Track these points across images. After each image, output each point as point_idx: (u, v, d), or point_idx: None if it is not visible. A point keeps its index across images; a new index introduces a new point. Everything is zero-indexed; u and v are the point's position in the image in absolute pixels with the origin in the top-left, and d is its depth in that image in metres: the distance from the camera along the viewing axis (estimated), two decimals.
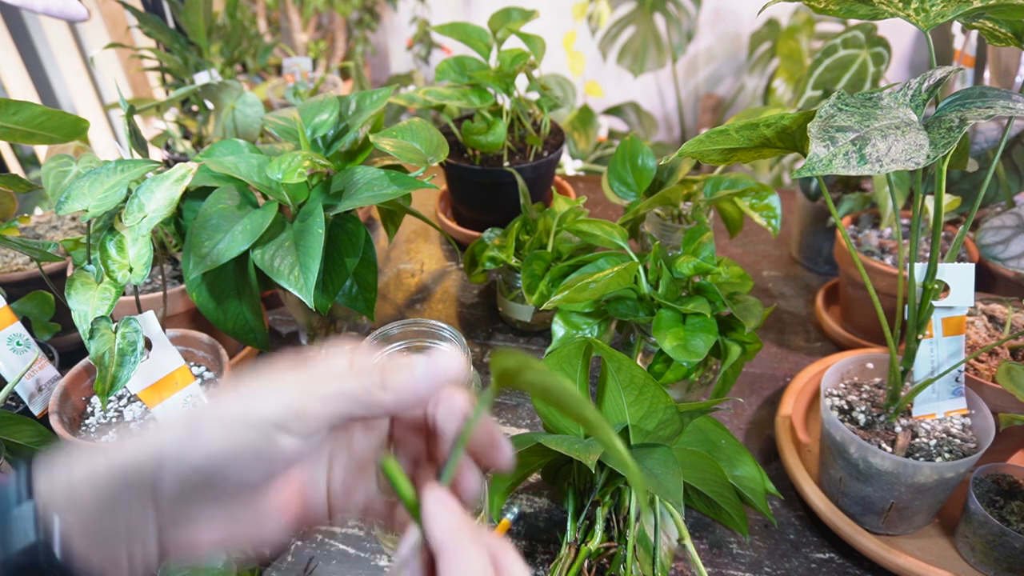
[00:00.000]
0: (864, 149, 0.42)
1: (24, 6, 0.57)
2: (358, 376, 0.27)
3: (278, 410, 0.26)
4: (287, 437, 0.26)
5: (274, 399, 0.27)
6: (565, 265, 0.74)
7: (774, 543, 0.66)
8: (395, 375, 0.27)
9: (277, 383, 0.27)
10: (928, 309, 0.57)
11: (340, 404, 0.27)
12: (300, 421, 0.26)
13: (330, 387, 0.27)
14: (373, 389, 0.27)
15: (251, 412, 0.26)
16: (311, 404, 0.27)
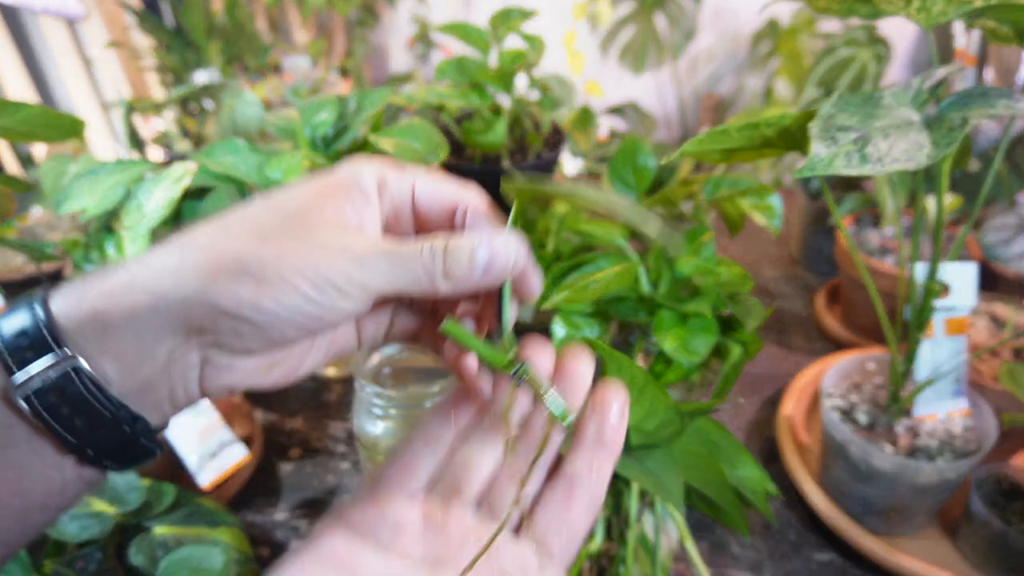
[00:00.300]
0: (865, 149, 0.42)
1: (23, 5, 0.57)
2: (422, 257, 0.27)
3: (342, 278, 0.26)
4: (343, 302, 0.26)
5: (340, 264, 0.26)
6: (565, 265, 0.74)
7: (775, 544, 0.65)
8: (457, 265, 0.27)
9: (343, 241, 0.27)
10: (929, 309, 0.57)
11: (400, 283, 0.27)
12: (361, 290, 0.26)
13: (396, 266, 0.27)
14: (436, 276, 0.27)
15: (317, 273, 0.26)
16: (375, 279, 0.27)
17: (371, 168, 0.30)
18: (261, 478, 0.72)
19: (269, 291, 0.25)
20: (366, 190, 0.29)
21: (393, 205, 0.30)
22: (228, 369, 0.28)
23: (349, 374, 0.85)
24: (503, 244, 0.28)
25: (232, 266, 0.25)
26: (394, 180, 0.30)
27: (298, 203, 0.28)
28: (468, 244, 0.28)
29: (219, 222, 0.28)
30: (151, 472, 0.62)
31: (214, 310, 0.25)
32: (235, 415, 0.74)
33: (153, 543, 0.52)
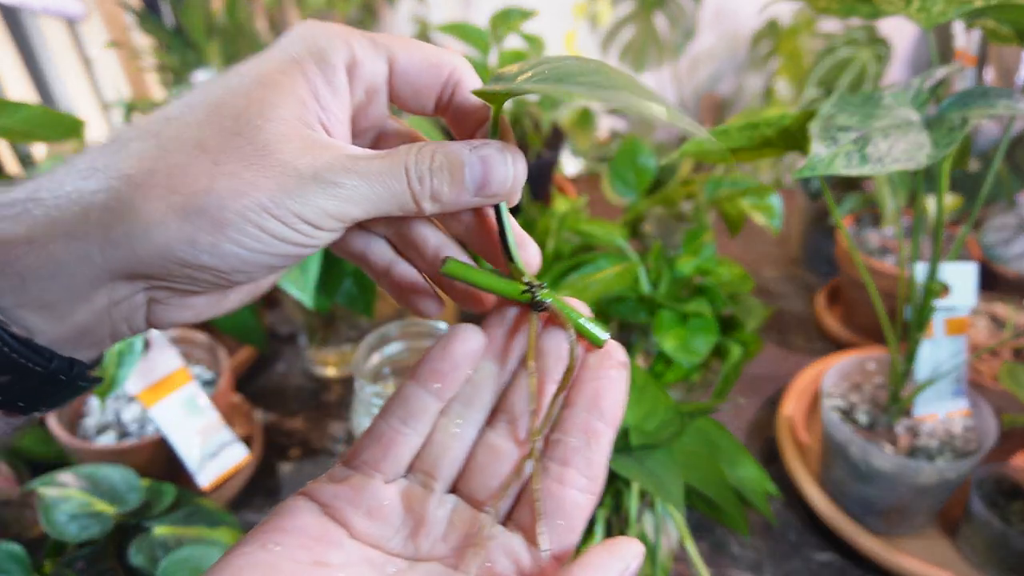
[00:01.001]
0: (865, 149, 0.42)
1: (23, 5, 0.57)
2: (409, 175, 0.23)
3: (315, 211, 0.22)
4: (316, 236, 0.23)
5: (313, 194, 0.22)
6: (565, 265, 0.74)
7: (775, 544, 0.65)
8: (444, 185, 0.23)
9: (313, 161, 0.22)
10: (929, 309, 0.57)
11: (382, 207, 0.23)
12: (338, 221, 0.23)
13: (377, 188, 0.23)
14: (422, 197, 0.23)
15: (286, 208, 0.21)
16: (354, 207, 0.22)
17: (338, 43, 0.23)
18: (261, 478, 0.72)
19: (231, 233, 0.21)
20: (332, 76, 0.23)
21: (366, 90, 0.25)
22: (180, 307, 0.24)
23: (349, 374, 0.85)
24: (499, 155, 0.24)
25: (181, 204, 0.21)
26: (368, 59, 0.24)
27: (247, 98, 0.22)
28: (456, 155, 0.23)
29: (146, 129, 0.22)
30: (151, 472, 0.62)
31: (164, 258, 0.21)
32: (235, 415, 0.74)
33: (153, 543, 0.52)
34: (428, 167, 0.23)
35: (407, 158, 0.23)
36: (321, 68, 0.23)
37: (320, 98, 0.23)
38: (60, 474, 0.54)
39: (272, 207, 0.21)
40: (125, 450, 0.62)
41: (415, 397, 0.26)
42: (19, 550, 0.48)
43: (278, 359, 0.89)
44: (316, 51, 0.23)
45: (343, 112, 0.24)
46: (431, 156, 0.23)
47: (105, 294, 0.22)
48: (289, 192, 0.21)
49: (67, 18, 1.05)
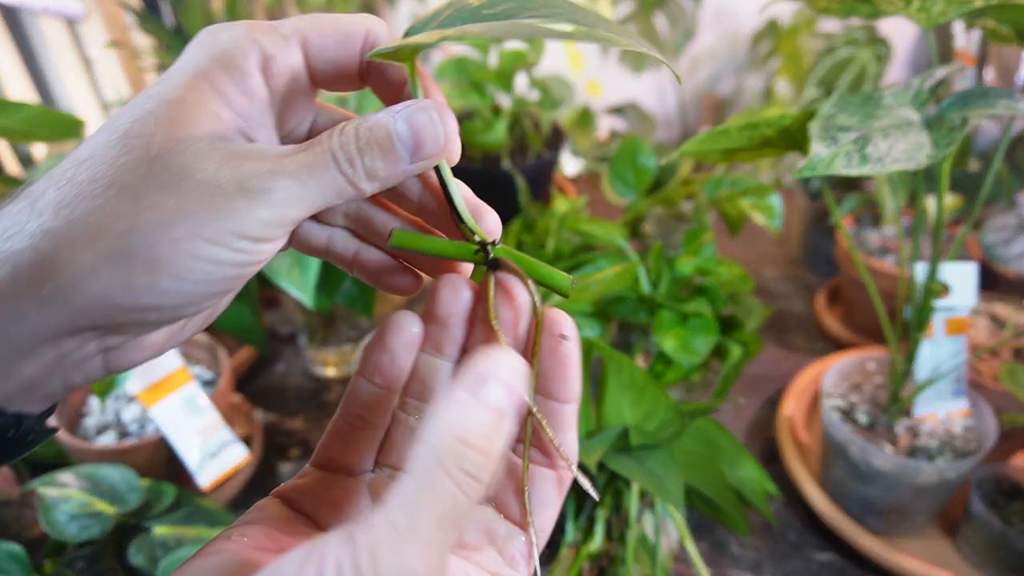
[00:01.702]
0: (865, 149, 0.42)
1: (23, 5, 0.57)
2: (338, 163, 0.22)
3: (252, 225, 0.21)
4: (261, 248, 0.22)
5: (244, 209, 0.20)
6: (565, 265, 0.74)
7: (775, 544, 0.65)
8: (377, 161, 0.22)
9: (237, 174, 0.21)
10: (929, 309, 0.57)
11: (320, 201, 0.22)
12: (280, 228, 0.21)
13: (310, 185, 0.21)
14: (358, 179, 0.22)
15: (219, 230, 0.20)
16: (291, 210, 0.21)
17: (244, 44, 0.22)
18: (261, 478, 0.72)
19: (168, 269, 0.20)
20: (244, 80, 0.22)
21: (285, 84, 0.23)
22: (136, 348, 0.23)
23: (349, 374, 0.85)
24: (424, 115, 0.22)
25: (108, 249, 0.20)
26: (280, 52, 0.23)
27: (155, 124, 0.21)
28: (381, 126, 0.22)
29: (61, 176, 0.21)
30: (151, 472, 0.62)
31: (103, 306, 0.20)
32: (235, 415, 0.74)
33: (153, 543, 0.52)
34: (355, 146, 0.22)
35: (331, 143, 0.22)
36: (230, 75, 0.22)
37: (234, 106, 0.22)
38: (60, 474, 0.54)
39: (204, 232, 0.20)
40: (125, 450, 0.62)
41: (364, 392, 0.25)
42: (19, 550, 0.48)
43: (278, 359, 0.89)
44: (222, 58, 0.22)
45: (264, 115, 0.23)
46: (355, 134, 0.22)
47: (51, 349, 0.21)
48: (217, 212, 0.20)
49: (67, 18, 1.05)
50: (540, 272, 0.24)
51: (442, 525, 0.17)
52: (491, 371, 0.19)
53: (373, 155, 0.22)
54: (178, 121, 0.21)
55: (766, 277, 1.05)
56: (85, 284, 0.20)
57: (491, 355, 0.19)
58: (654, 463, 0.52)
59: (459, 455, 0.18)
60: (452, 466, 0.18)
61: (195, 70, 0.22)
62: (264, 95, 0.23)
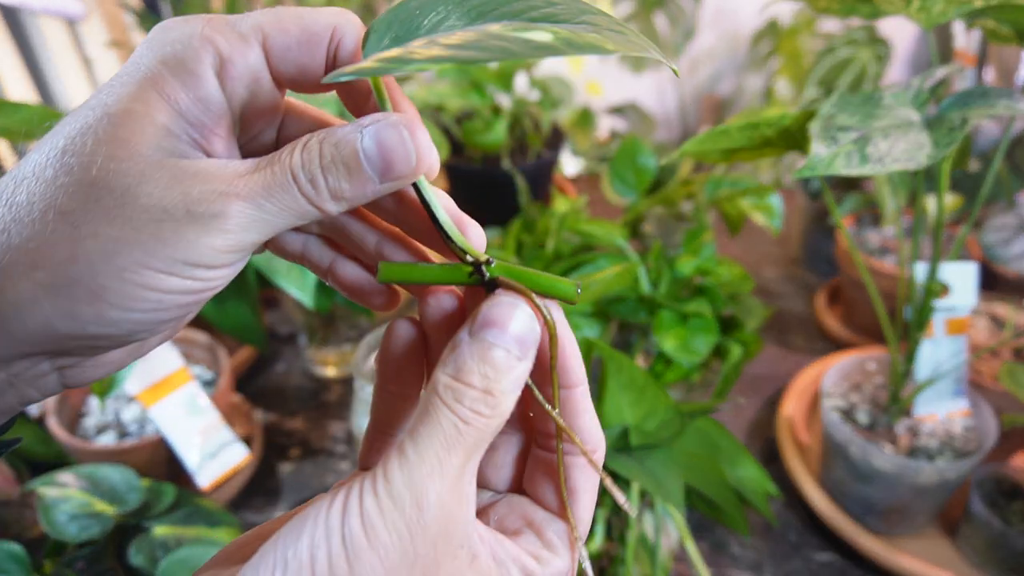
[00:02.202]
0: (866, 149, 0.42)
1: (23, 5, 0.57)
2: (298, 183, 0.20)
3: (201, 252, 0.19)
4: (215, 274, 0.20)
5: (193, 236, 0.19)
6: (565, 265, 0.74)
7: (775, 544, 0.65)
8: (343, 182, 0.20)
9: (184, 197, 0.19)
10: (929, 309, 0.57)
11: (280, 224, 0.20)
12: (235, 253, 0.20)
13: (267, 208, 0.20)
14: (322, 200, 0.20)
15: (167, 258, 0.19)
16: (246, 235, 0.20)
17: (196, 45, 0.20)
18: (261, 478, 0.72)
19: (113, 299, 0.19)
20: (198, 85, 0.20)
21: (246, 87, 0.21)
22: (94, 366, 0.22)
23: (349, 374, 0.85)
24: (393, 132, 0.20)
25: (48, 280, 0.18)
26: (238, 52, 0.20)
27: (95, 140, 0.19)
28: (347, 142, 0.20)
29: (1, 196, 0.19)
30: (151, 472, 0.62)
31: (48, 336, 0.19)
32: (235, 415, 0.74)
33: (153, 543, 0.52)
34: (318, 164, 0.20)
35: (292, 160, 0.20)
36: (182, 80, 0.20)
37: (187, 116, 0.20)
38: (60, 474, 0.54)
39: (151, 261, 0.19)
40: (125, 450, 0.62)
41: (385, 401, 0.25)
42: (19, 550, 0.48)
43: (278, 359, 0.89)
44: (173, 62, 0.20)
45: (220, 123, 0.21)
46: (319, 151, 0.20)
47: (2, 372, 0.20)
48: (165, 240, 0.19)
49: (67, 18, 1.05)
50: (543, 284, 0.23)
51: (449, 448, 0.19)
52: (495, 316, 0.20)
53: (338, 175, 0.20)
54: (120, 137, 0.19)
55: (766, 277, 1.05)
56: (26, 314, 0.19)
57: (499, 300, 0.21)
58: (654, 463, 0.52)
59: (455, 390, 0.19)
60: (449, 399, 0.19)
61: (143, 76, 0.20)
62: (220, 101, 0.21)
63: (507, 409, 0.20)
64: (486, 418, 0.20)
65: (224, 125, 0.21)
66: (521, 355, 0.20)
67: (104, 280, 0.19)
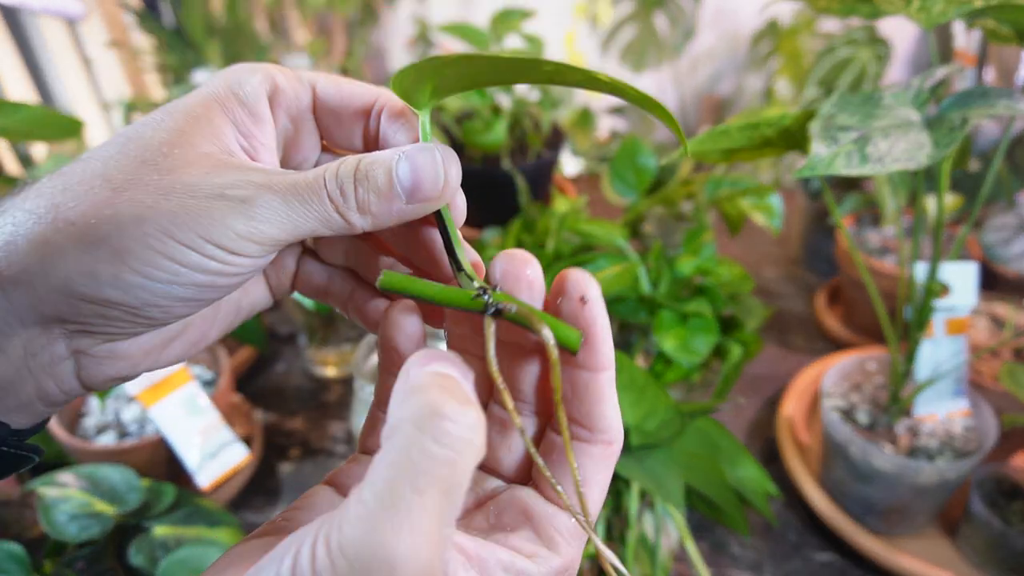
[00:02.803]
0: (866, 148, 0.42)
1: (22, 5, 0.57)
2: (328, 187, 0.21)
3: (226, 233, 0.20)
4: (235, 262, 0.21)
5: (220, 214, 0.20)
6: (565, 265, 0.74)
7: (775, 544, 0.65)
8: (374, 191, 0.22)
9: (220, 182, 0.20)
10: (929, 309, 0.57)
11: (305, 225, 0.21)
12: (255, 245, 0.21)
13: (295, 205, 0.21)
14: (348, 211, 0.22)
15: (191, 231, 0.20)
16: (271, 227, 0.21)
17: (257, 75, 0.23)
18: (261, 478, 0.72)
19: (133, 263, 0.20)
20: (252, 105, 0.23)
21: (291, 118, 0.24)
22: (110, 358, 0.23)
23: (349, 374, 0.85)
24: (427, 156, 0.22)
25: (77, 233, 0.19)
26: (289, 87, 0.24)
27: (162, 134, 0.21)
28: (383, 162, 0.22)
29: (62, 172, 0.21)
30: (151, 472, 0.62)
31: (66, 294, 0.20)
32: (235, 415, 0.74)
33: (153, 543, 0.52)
34: (351, 176, 0.22)
35: (327, 171, 0.22)
36: (240, 98, 0.23)
37: (240, 126, 0.23)
38: (60, 474, 0.54)
39: (175, 231, 0.20)
40: (125, 450, 0.62)
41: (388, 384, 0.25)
42: (19, 550, 0.48)
43: (278, 359, 0.89)
44: (235, 84, 0.23)
45: (268, 140, 0.24)
46: (355, 166, 0.22)
47: (20, 344, 0.20)
48: (192, 213, 0.20)
49: (67, 18, 1.05)
50: (552, 320, 0.22)
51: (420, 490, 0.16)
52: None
53: (367, 188, 0.22)
54: (180, 130, 0.21)
55: (766, 277, 1.05)
56: (50, 266, 0.19)
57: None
58: (654, 463, 0.52)
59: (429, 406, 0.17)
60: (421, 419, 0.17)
61: (209, 92, 0.23)
62: (269, 122, 0.24)
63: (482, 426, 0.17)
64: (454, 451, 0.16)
65: (271, 141, 0.24)
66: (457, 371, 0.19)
67: (127, 242, 0.19)
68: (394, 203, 0.22)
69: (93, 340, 0.22)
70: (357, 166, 0.22)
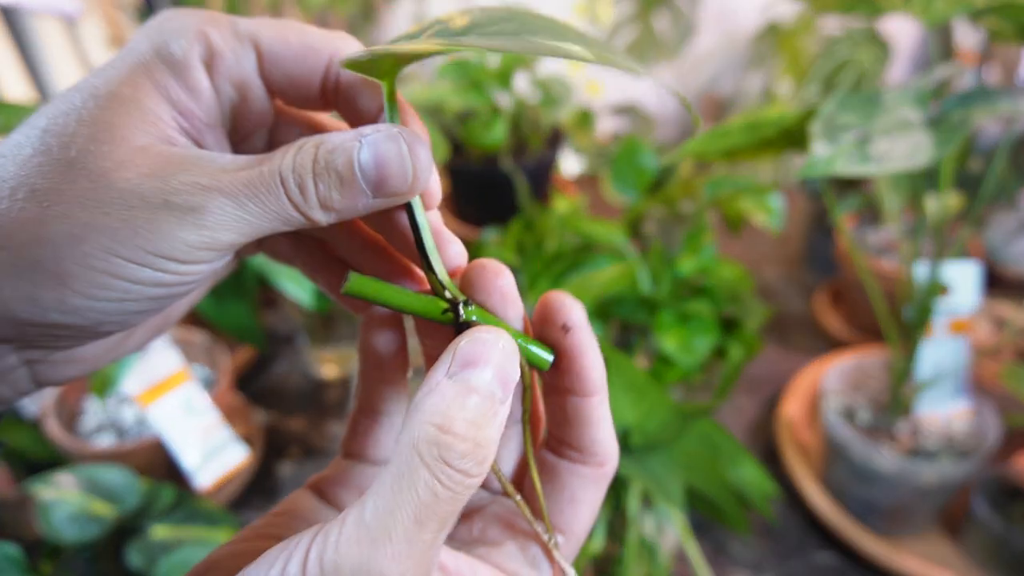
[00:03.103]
0: (866, 148, 0.42)
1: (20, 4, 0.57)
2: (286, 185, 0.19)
3: (175, 246, 0.18)
4: (188, 270, 0.19)
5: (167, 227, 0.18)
6: (565, 265, 0.73)
7: (775, 544, 0.65)
8: (333, 191, 0.19)
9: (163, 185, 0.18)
10: (929, 309, 0.57)
11: (262, 227, 0.19)
12: (209, 252, 0.19)
13: (249, 207, 0.19)
14: (310, 208, 0.19)
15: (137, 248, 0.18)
16: (224, 234, 0.18)
17: (187, 34, 0.20)
18: (261, 478, 0.72)
19: (76, 286, 0.18)
20: (185, 74, 0.19)
21: (234, 85, 0.21)
22: (68, 362, 0.21)
23: (349, 374, 0.85)
24: (392, 145, 0.19)
25: (10, 259, 0.17)
26: (228, 48, 0.20)
27: (86, 128, 0.18)
28: (344, 150, 0.19)
29: None
30: (151, 473, 0.62)
31: (8, 320, 0.18)
32: (235, 415, 0.74)
33: (152, 545, 0.52)
34: (310, 171, 0.19)
35: (283, 163, 0.19)
36: (172, 69, 0.19)
37: (178, 104, 0.20)
38: (58, 475, 0.54)
39: (119, 249, 0.17)
40: (124, 451, 0.62)
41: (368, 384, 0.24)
42: (16, 552, 0.48)
43: (278, 359, 0.88)
44: (164, 51, 0.19)
45: (210, 116, 0.21)
46: (312, 156, 0.19)
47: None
48: (137, 228, 0.17)
49: (64, 17, 1.05)
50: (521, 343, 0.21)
51: (421, 522, 0.16)
52: (476, 353, 0.18)
53: (329, 183, 0.19)
54: (105, 120, 0.18)
55: (766, 277, 1.05)
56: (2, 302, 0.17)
57: (477, 336, 0.18)
58: (654, 463, 0.51)
59: (440, 445, 0.17)
60: (431, 457, 0.17)
61: (134, 61, 0.19)
62: (209, 94, 0.20)
63: (491, 462, 0.18)
64: (473, 478, 0.17)
65: (214, 117, 0.21)
66: (504, 397, 0.18)
67: (69, 265, 0.17)
68: (359, 199, 0.19)
69: (44, 352, 0.20)
70: (315, 156, 0.19)
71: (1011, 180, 0.83)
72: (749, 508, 0.63)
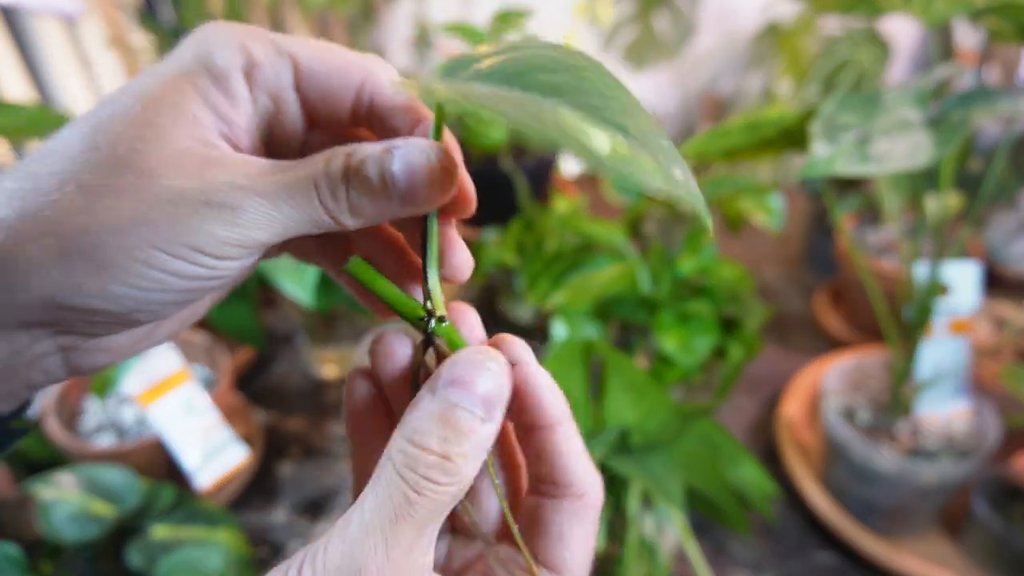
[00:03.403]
0: (866, 148, 0.42)
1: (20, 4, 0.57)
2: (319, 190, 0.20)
3: (211, 241, 0.19)
4: (222, 266, 0.20)
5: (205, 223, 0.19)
6: (565, 265, 0.73)
7: (775, 544, 0.65)
8: (364, 199, 0.20)
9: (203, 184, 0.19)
10: (930, 309, 0.57)
11: (294, 228, 0.20)
12: (243, 250, 0.20)
13: (284, 209, 0.20)
14: (340, 213, 0.20)
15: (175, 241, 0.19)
16: (259, 232, 0.20)
17: (229, 46, 0.21)
18: (261, 478, 0.72)
19: (118, 275, 0.19)
20: (226, 82, 0.21)
21: (271, 97, 0.22)
22: (99, 350, 0.22)
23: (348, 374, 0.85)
24: (422, 156, 0.20)
25: (57, 246, 0.19)
26: (267, 61, 0.21)
27: (133, 128, 0.19)
28: (376, 160, 0.20)
29: (24, 168, 0.20)
30: (151, 473, 0.62)
31: (50, 306, 0.19)
32: (235, 415, 0.74)
33: (152, 545, 0.52)
34: (342, 176, 0.20)
35: (317, 168, 0.20)
36: (214, 77, 0.21)
37: (218, 110, 0.21)
38: (58, 475, 0.54)
39: (159, 241, 0.19)
40: (124, 451, 0.62)
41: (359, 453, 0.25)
42: (16, 552, 0.48)
43: (278, 359, 0.88)
44: (207, 59, 0.21)
45: (248, 122, 0.22)
46: (345, 164, 0.20)
47: (4, 344, 0.20)
48: (177, 222, 0.19)
49: (64, 17, 1.05)
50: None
51: (395, 524, 0.18)
52: (460, 373, 0.20)
53: (361, 191, 0.20)
54: (150, 121, 0.20)
55: (766, 277, 1.05)
56: (32, 281, 0.19)
57: (465, 356, 0.20)
58: (654, 463, 0.51)
59: (407, 453, 0.19)
60: (401, 465, 0.18)
61: (179, 69, 0.21)
62: (248, 102, 0.21)
63: (468, 475, 0.19)
64: (443, 486, 0.18)
65: (251, 124, 0.22)
66: (486, 416, 0.19)
67: (111, 255, 0.19)
68: (388, 207, 0.21)
69: (80, 338, 0.21)
70: (348, 163, 0.20)
71: (1011, 180, 0.83)
72: (749, 508, 0.63)
